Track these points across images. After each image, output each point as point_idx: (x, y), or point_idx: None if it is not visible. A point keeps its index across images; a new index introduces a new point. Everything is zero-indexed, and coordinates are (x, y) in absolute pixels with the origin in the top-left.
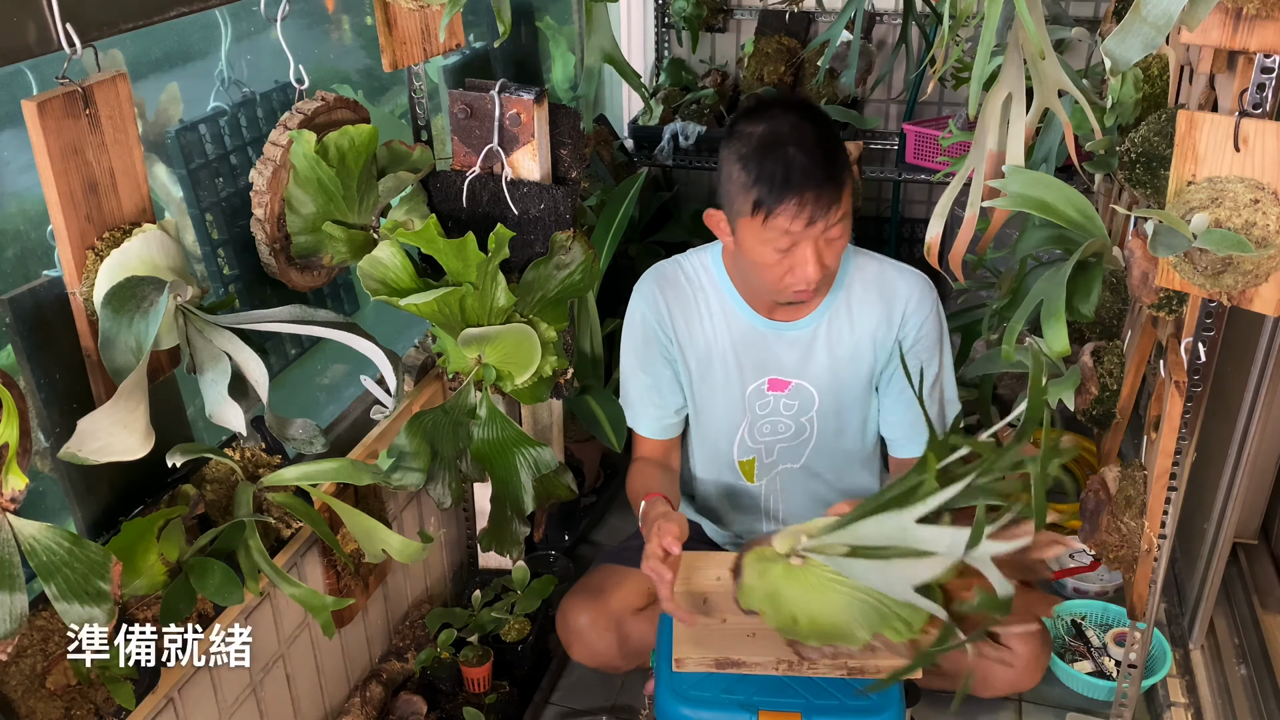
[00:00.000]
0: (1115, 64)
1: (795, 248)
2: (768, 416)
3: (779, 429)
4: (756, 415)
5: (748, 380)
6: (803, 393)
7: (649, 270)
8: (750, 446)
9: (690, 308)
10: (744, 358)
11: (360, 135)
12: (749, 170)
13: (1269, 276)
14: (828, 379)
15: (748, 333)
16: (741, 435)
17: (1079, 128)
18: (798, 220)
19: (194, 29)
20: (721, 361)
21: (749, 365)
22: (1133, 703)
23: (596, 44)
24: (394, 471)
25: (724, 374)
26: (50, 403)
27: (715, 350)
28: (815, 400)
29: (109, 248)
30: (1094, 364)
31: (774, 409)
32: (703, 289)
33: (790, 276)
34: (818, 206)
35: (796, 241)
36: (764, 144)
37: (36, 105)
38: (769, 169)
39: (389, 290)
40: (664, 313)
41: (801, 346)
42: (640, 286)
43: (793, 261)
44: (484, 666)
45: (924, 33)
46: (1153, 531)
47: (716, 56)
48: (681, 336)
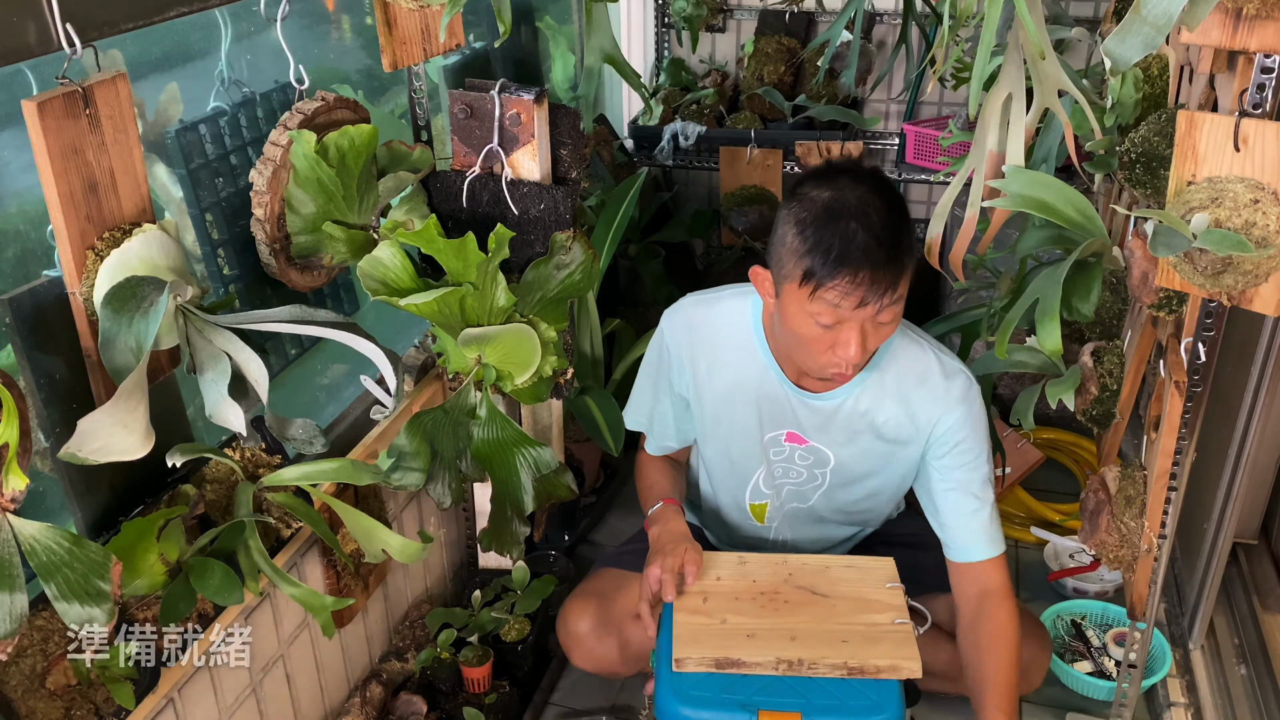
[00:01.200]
0: (1115, 64)
1: (840, 326)
2: (781, 463)
3: (791, 474)
4: (772, 462)
5: (766, 429)
6: (819, 452)
7: (683, 305)
8: (764, 492)
9: (717, 355)
10: (765, 410)
11: (360, 135)
12: (806, 238)
13: (1269, 276)
14: (846, 450)
15: (773, 391)
16: (756, 482)
17: (1079, 128)
18: (848, 299)
19: (194, 29)
20: (744, 409)
21: (769, 418)
22: (1133, 703)
23: (596, 44)
24: (394, 471)
25: (744, 421)
26: (50, 403)
27: (738, 398)
28: (831, 460)
29: (109, 248)
30: (1094, 364)
31: (789, 458)
32: (733, 339)
33: (829, 355)
34: (872, 289)
35: (843, 320)
36: (827, 212)
37: (36, 105)
38: (827, 240)
39: (389, 290)
40: (685, 357)
41: (825, 416)
42: (671, 316)
43: (834, 340)
44: (484, 666)
45: (924, 33)
46: (1153, 531)
47: (716, 56)
48: (702, 381)
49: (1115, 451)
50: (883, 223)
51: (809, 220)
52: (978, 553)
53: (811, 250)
